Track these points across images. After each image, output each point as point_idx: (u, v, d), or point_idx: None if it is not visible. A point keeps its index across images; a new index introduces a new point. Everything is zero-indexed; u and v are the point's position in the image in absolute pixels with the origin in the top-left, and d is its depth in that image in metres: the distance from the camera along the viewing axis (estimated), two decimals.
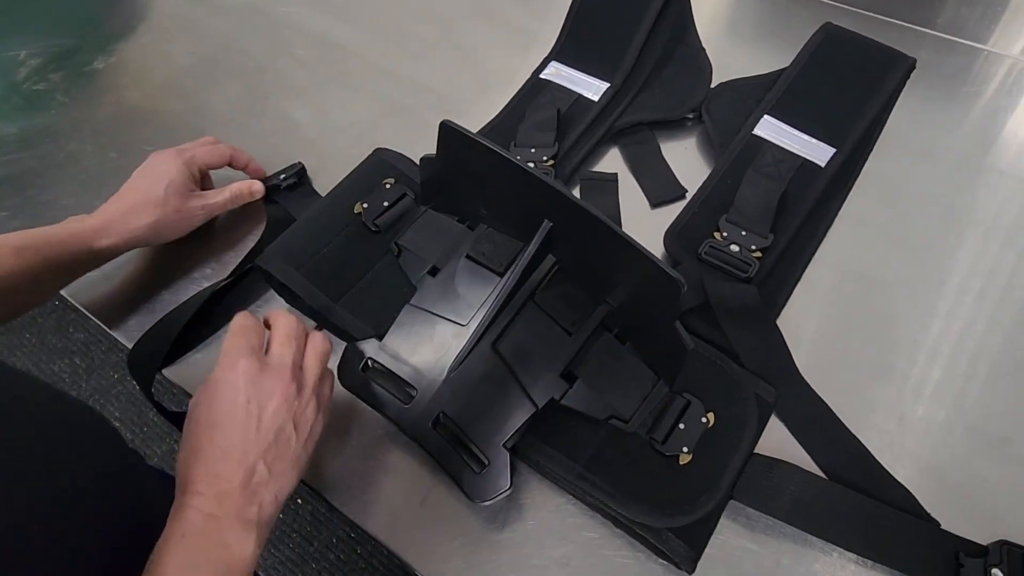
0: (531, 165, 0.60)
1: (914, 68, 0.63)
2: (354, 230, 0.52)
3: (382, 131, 0.70)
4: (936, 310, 0.55)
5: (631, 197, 0.63)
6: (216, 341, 0.55)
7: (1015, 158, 0.65)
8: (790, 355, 0.51)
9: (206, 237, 0.61)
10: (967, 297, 0.56)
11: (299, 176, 0.63)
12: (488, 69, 0.76)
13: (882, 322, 0.54)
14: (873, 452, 0.47)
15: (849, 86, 0.62)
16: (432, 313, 0.46)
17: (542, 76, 0.69)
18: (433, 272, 0.49)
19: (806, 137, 0.61)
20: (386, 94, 0.73)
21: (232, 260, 0.59)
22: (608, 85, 0.66)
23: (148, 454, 1.36)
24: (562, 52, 0.70)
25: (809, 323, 0.54)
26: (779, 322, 0.54)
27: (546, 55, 0.71)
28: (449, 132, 0.44)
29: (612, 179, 0.63)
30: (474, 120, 0.68)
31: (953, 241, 0.59)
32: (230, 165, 0.61)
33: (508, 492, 0.42)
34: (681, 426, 0.44)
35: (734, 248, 0.54)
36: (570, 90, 0.67)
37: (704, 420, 0.44)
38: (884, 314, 0.55)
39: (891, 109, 0.64)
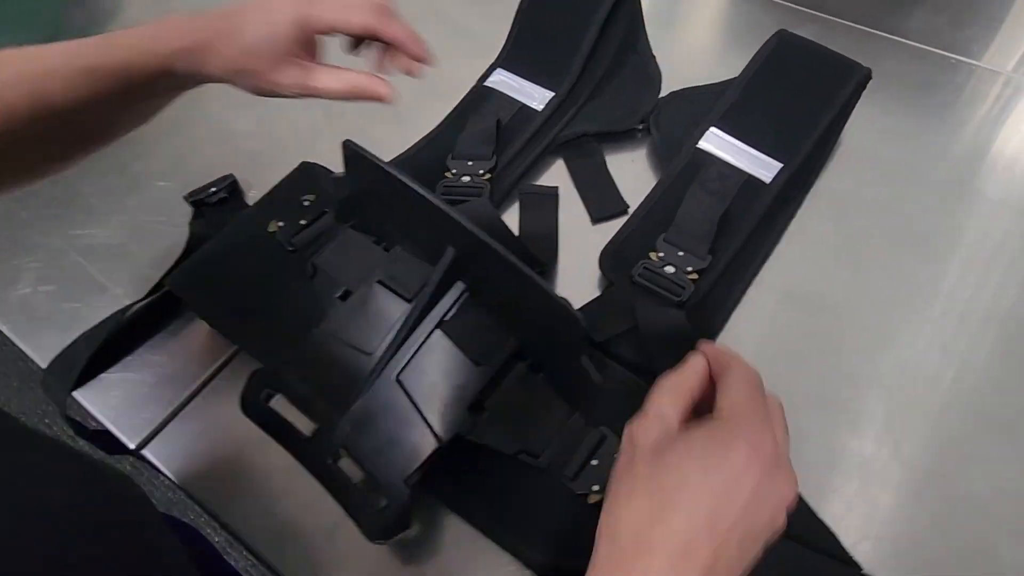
0: (467, 179, 0.58)
1: (870, 78, 0.60)
2: (269, 250, 0.50)
3: (323, 141, 0.67)
4: (884, 338, 0.52)
5: (573, 212, 0.61)
6: (134, 361, 0.53)
7: (979, 175, 0.62)
8: None
9: (125, 251, 0.59)
10: (919, 325, 0.53)
11: (230, 190, 0.61)
12: (438, 76, 0.73)
13: (824, 349, 0.52)
14: (801, 488, 0.45)
15: (800, 97, 0.60)
16: (339, 340, 0.44)
17: (487, 84, 0.66)
18: (345, 296, 0.47)
19: (752, 151, 0.58)
20: (329, 102, 0.70)
21: (154, 276, 0.57)
22: (553, 94, 0.64)
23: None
24: (508, 59, 0.67)
25: (746, 348, 0.51)
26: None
27: (492, 61, 0.68)
28: (352, 154, 0.41)
29: (552, 193, 0.61)
30: (419, 129, 0.65)
31: (907, 263, 0.56)
32: (374, 38, 0.45)
33: (407, 532, 0.40)
34: (594, 462, 0.42)
35: (669, 270, 0.52)
36: (514, 99, 0.64)
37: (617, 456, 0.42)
38: (827, 340, 0.52)
39: (845, 121, 0.61)
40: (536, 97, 0.64)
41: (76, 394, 0.51)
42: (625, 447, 0.33)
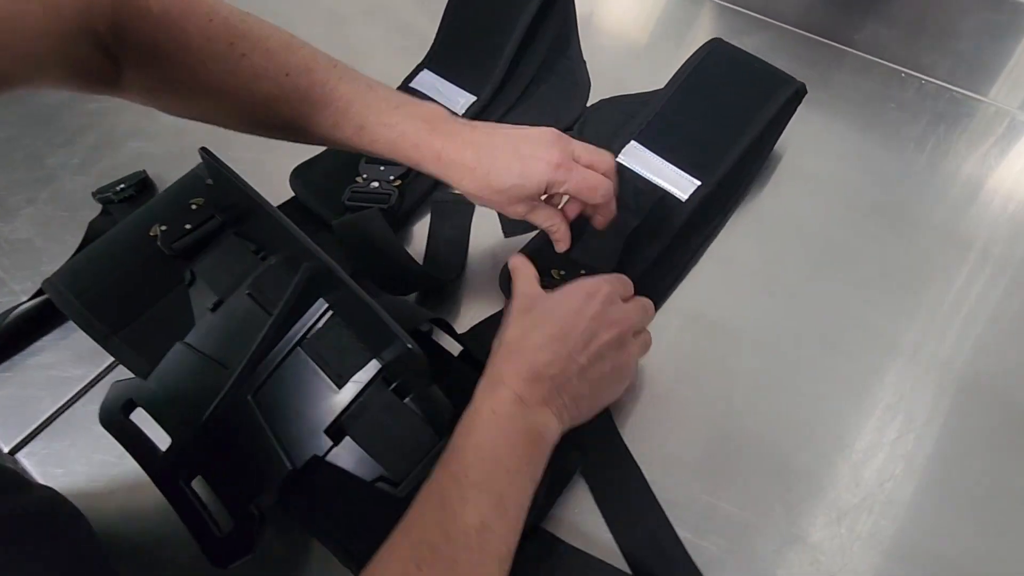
0: (375, 185, 0.56)
1: (804, 93, 0.58)
2: (151, 254, 0.49)
3: (245, 139, 0.66)
4: (789, 373, 0.50)
5: (488, 224, 0.58)
6: (19, 362, 0.52)
7: (923, 201, 0.59)
8: (609, 413, 0.46)
9: (31, 247, 0.58)
10: (830, 360, 0.50)
11: (140, 188, 0.59)
12: (372, 74, 0.71)
13: (725, 381, 0.49)
14: (684, 536, 0.42)
15: (727, 111, 0.57)
16: (201, 353, 0.43)
17: (411, 85, 0.64)
18: (217, 307, 0.45)
19: (671, 167, 0.56)
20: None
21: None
22: (475, 99, 0.61)
23: None
24: (434, 59, 0.65)
25: (641, 373, 0.50)
26: None
27: (419, 62, 0.66)
28: (207, 162, 0.40)
29: (467, 202, 0.59)
30: None
31: (829, 292, 0.54)
32: (583, 210, 0.49)
33: (248, 558, 0.38)
34: None
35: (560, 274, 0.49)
36: (436, 102, 0.62)
37: None
38: (729, 372, 0.50)
39: (776, 138, 0.59)
40: (458, 101, 0.62)
41: None
42: (513, 300, 0.43)
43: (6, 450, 0.48)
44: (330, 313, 0.41)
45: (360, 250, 0.51)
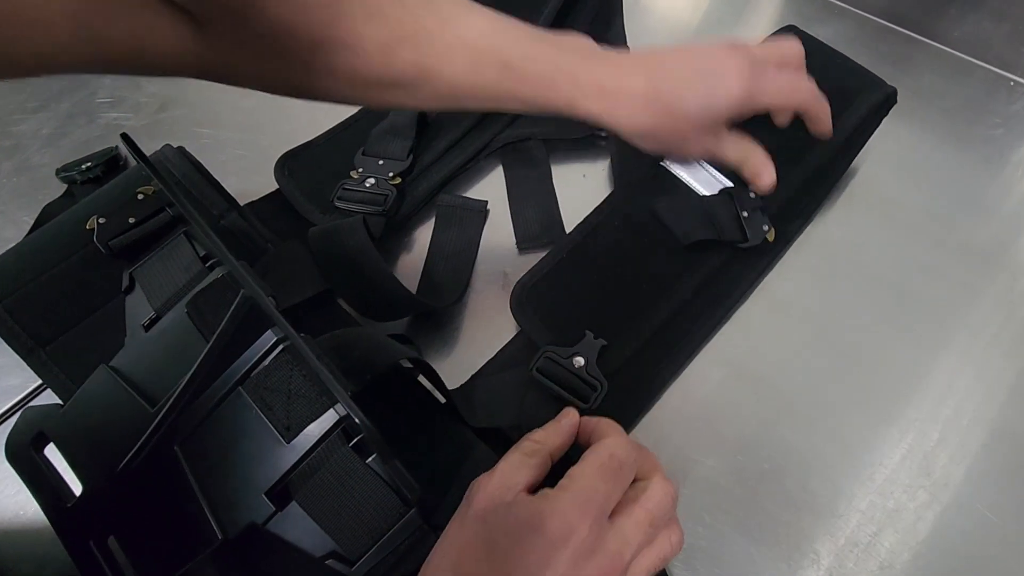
0: (371, 182, 0.48)
1: (895, 101, 0.47)
2: (90, 252, 0.41)
3: (239, 118, 0.58)
4: (847, 446, 0.40)
5: (501, 232, 0.50)
6: None
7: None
8: None
9: None
10: (896, 430, 0.41)
11: (108, 167, 0.52)
12: None
13: (772, 454, 0.40)
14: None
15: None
16: (124, 383, 0.35)
17: None
18: (152, 325, 0.37)
19: (726, 182, 0.46)
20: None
21: None
22: None
23: None
24: None
25: (674, 432, 0.41)
26: (639, 431, 0.41)
27: None
28: (129, 150, 0.32)
29: (479, 208, 0.50)
30: (343, 111, 0.55)
31: (897, 348, 0.44)
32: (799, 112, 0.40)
33: None
34: None
35: (578, 361, 0.40)
36: None
37: None
38: (768, 439, 0.41)
39: (854, 154, 0.48)
40: None
41: None
42: (464, 501, 0.31)
43: None
44: (280, 348, 0.33)
45: (337, 266, 0.43)
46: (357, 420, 0.26)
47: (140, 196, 0.42)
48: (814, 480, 0.39)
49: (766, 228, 0.44)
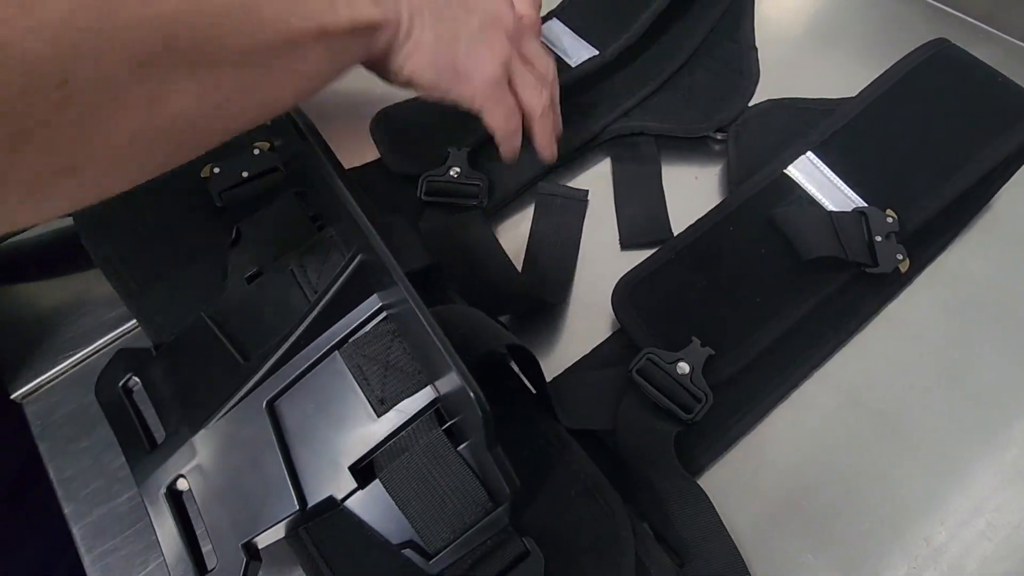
0: (455, 172, 0.46)
1: None
2: (198, 201, 0.40)
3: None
4: (967, 494, 0.36)
5: (603, 227, 0.47)
6: (41, 305, 0.45)
7: None
8: (719, 523, 0.34)
9: None
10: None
11: None
12: None
13: (876, 488, 0.36)
14: None
15: (945, 136, 0.43)
16: (220, 334, 0.34)
17: None
18: (254, 279, 0.36)
19: (855, 198, 0.42)
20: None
21: None
22: (595, 53, 0.50)
23: None
24: (567, 9, 0.54)
25: (778, 461, 0.37)
26: (742, 449, 0.38)
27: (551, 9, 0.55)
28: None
29: (580, 198, 0.48)
30: None
31: None
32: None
33: None
34: None
35: (683, 368, 0.37)
36: (550, 49, 0.51)
37: None
38: (884, 477, 0.37)
39: (1000, 183, 0.44)
40: (579, 55, 0.50)
41: None
42: None
43: (11, 395, 0.42)
44: (383, 316, 0.32)
45: (455, 259, 0.41)
46: (473, 395, 0.24)
47: (256, 151, 0.41)
48: (932, 526, 0.35)
49: (900, 257, 0.41)
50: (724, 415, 0.37)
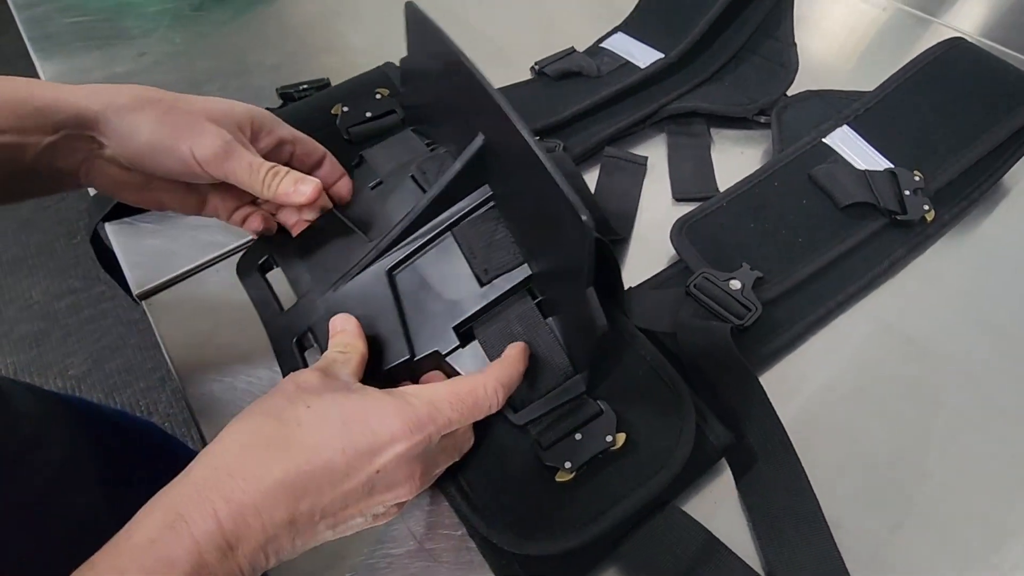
0: None
1: None
2: (326, 134, 0.48)
3: None
4: (989, 418, 0.41)
5: (657, 188, 0.53)
6: (172, 216, 0.52)
7: None
8: (770, 409, 0.38)
9: None
10: None
11: (318, 88, 0.60)
12: (559, 33, 0.69)
13: (907, 410, 0.41)
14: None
15: (961, 114, 0.49)
16: (346, 221, 0.40)
17: (602, 45, 0.62)
18: (377, 186, 0.43)
19: (887, 163, 0.48)
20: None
21: None
22: (662, 56, 0.57)
23: None
24: (630, 23, 0.62)
25: (812, 381, 0.42)
26: (783, 365, 0.42)
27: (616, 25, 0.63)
28: (413, 17, 0.38)
29: (640, 162, 0.54)
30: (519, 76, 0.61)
31: None
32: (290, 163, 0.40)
33: None
34: (578, 436, 0.35)
35: (734, 284, 0.42)
36: (617, 55, 0.59)
37: (609, 439, 0.34)
38: (915, 399, 0.41)
39: (1015, 158, 0.50)
40: (645, 59, 0.58)
41: (108, 227, 0.51)
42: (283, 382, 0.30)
43: (135, 293, 0.48)
44: (490, 204, 0.38)
45: None
46: (584, 217, 0.28)
47: (378, 95, 0.49)
48: (949, 432, 0.39)
49: (926, 208, 0.46)
50: (771, 327, 0.42)
